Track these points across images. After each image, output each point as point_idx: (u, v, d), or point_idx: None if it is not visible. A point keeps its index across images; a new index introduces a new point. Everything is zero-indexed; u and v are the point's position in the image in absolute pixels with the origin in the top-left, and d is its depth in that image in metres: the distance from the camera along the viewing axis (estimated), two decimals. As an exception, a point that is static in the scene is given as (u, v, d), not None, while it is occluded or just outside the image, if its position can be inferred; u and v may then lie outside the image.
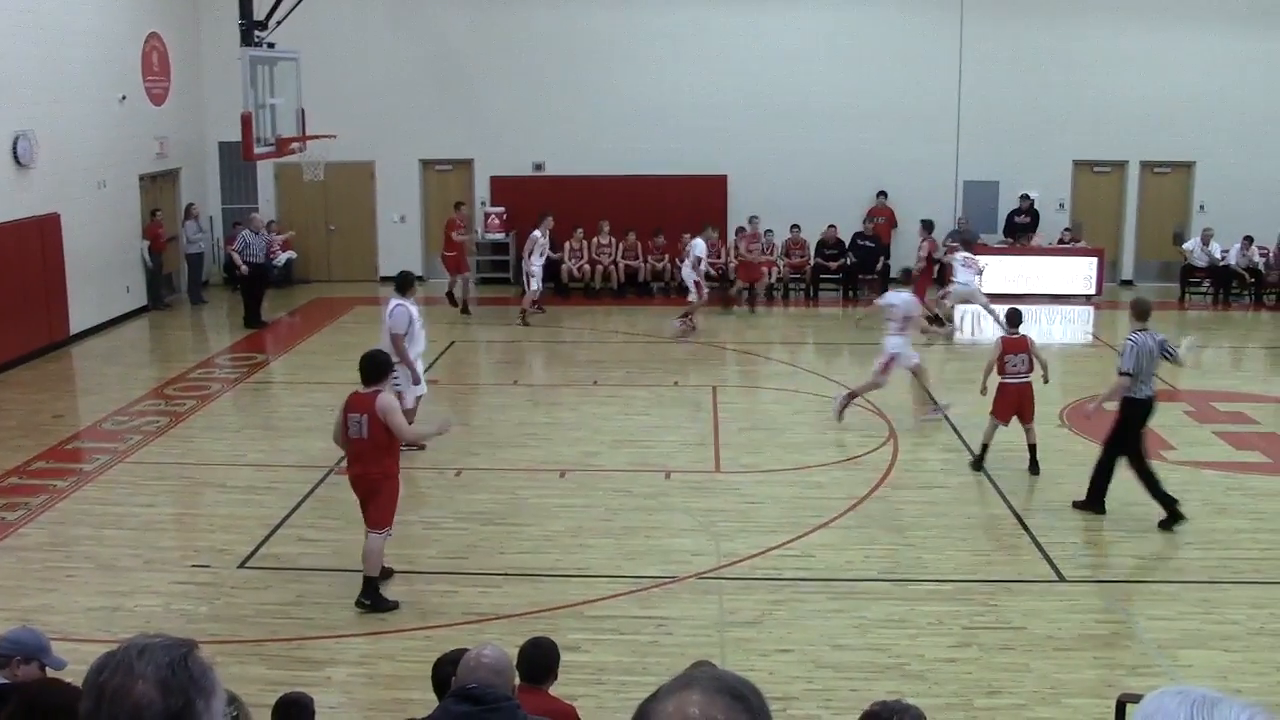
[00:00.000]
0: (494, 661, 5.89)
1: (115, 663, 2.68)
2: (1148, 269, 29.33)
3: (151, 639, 2.74)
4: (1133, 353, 13.39)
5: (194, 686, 2.67)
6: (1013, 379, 15.51)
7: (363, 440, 11.64)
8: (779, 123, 28.28)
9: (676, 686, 2.46)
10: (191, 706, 2.66)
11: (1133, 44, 27.85)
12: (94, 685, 2.68)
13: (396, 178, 29.47)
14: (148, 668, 2.65)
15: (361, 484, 11.83)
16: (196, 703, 2.67)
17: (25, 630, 6.88)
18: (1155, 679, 9.86)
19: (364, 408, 11.70)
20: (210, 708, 2.70)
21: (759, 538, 13.28)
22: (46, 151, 21.89)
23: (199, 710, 2.67)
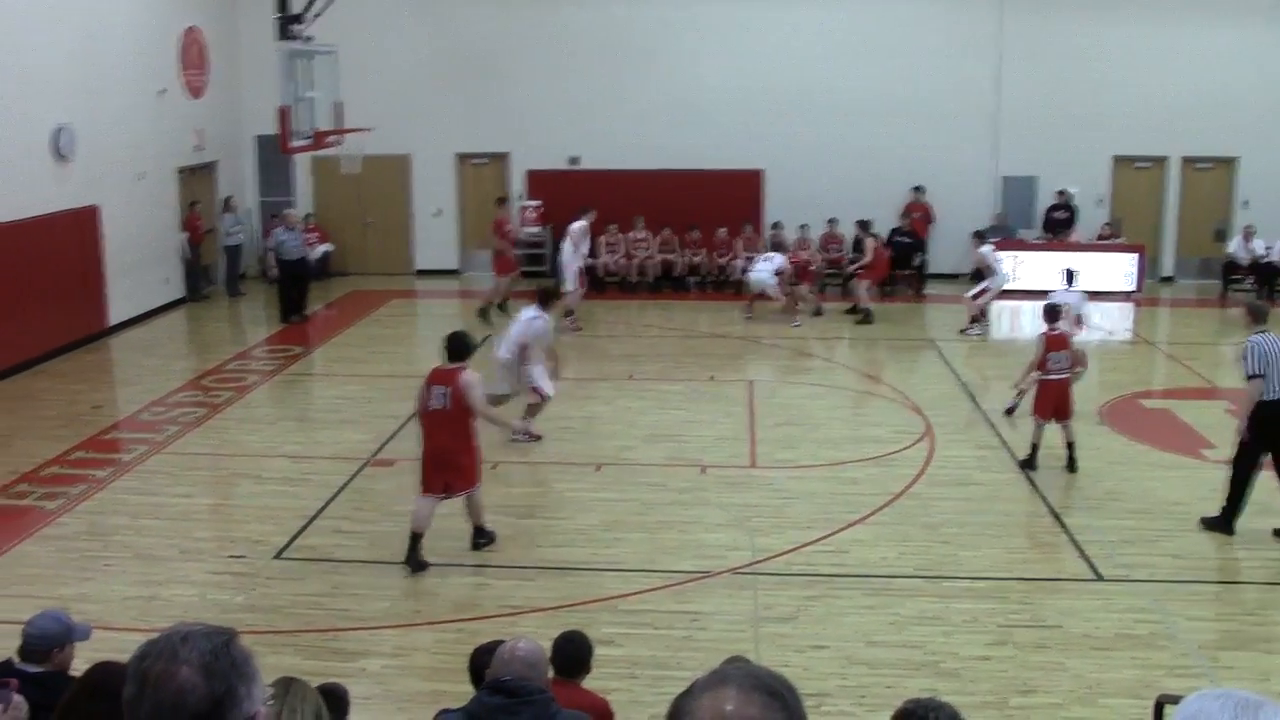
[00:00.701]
0: (528, 654, 5.88)
1: (158, 649, 2.70)
2: (1188, 266, 29.12)
3: (193, 626, 2.77)
4: (1254, 354, 12.91)
5: (235, 672, 2.70)
6: (1054, 376, 15.39)
7: (444, 412, 12.41)
8: (816, 117, 28.19)
9: (711, 683, 2.45)
10: (234, 692, 2.69)
11: (1173, 37, 27.67)
12: (137, 671, 2.70)
13: (433, 171, 29.51)
14: (191, 654, 2.68)
15: (441, 454, 12.49)
16: (239, 689, 2.70)
17: (47, 619, 6.89)
18: (1194, 680, 9.81)
19: (447, 381, 12.47)
20: (251, 694, 2.73)
21: (794, 533, 13.25)
22: (86, 144, 22.00)
23: (241, 696, 2.70)
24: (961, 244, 28.32)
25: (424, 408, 12.59)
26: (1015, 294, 26.82)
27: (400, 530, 13.15)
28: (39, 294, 20.72)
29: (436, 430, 12.52)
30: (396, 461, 15.70)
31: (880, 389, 19.45)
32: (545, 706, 5.56)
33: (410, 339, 23.77)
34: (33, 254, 20.59)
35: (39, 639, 6.77)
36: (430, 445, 12.58)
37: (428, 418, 12.55)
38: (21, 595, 11.52)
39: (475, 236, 30.04)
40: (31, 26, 20.59)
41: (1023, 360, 17.25)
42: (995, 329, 25.18)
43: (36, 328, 20.66)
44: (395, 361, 22.06)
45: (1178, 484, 14.97)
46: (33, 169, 20.76)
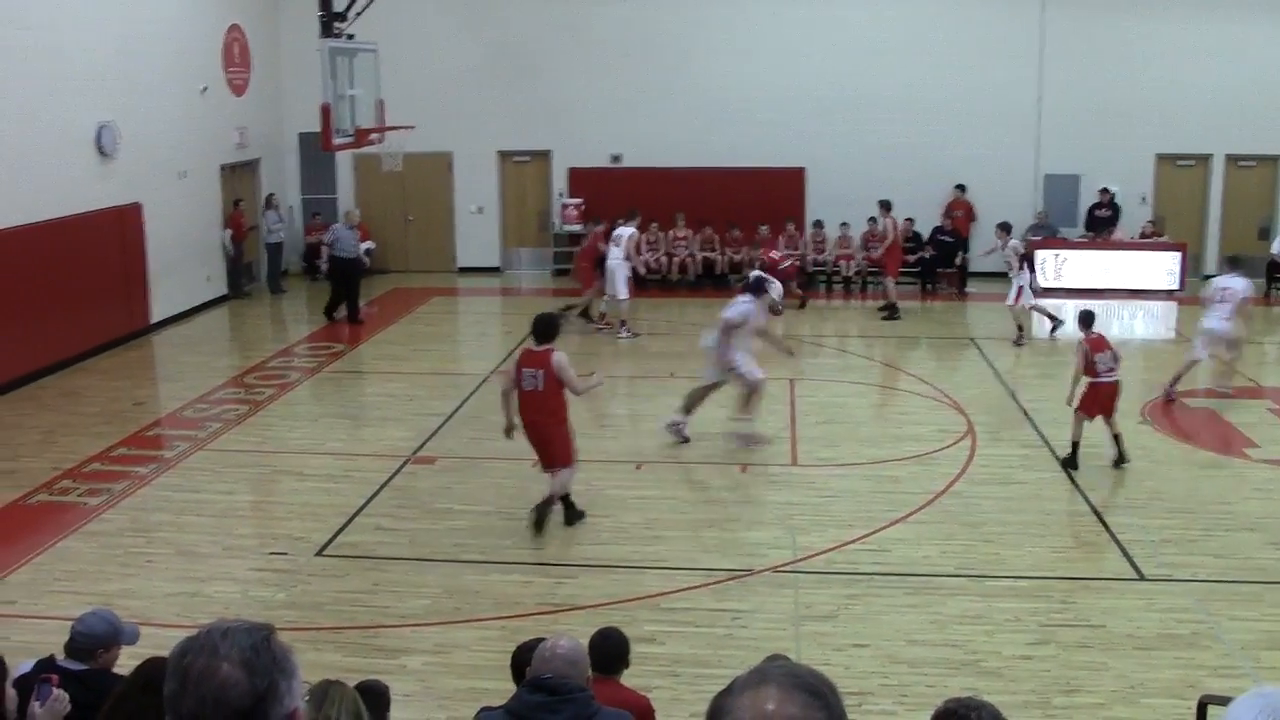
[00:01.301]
0: (569, 652, 5.88)
1: (199, 645, 2.71)
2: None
3: (232, 622, 2.78)
4: None
5: (277, 667, 2.72)
6: (1105, 379, 15.28)
7: (537, 392, 13.20)
8: (857, 115, 28.13)
9: (752, 681, 2.44)
10: (275, 687, 2.70)
11: (1216, 34, 27.46)
12: (178, 668, 2.71)
13: (474, 169, 29.56)
14: (232, 649, 2.69)
15: (535, 430, 13.37)
16: (280, 684, 2.72)
17: (96, 619, 6.88)
18: (1237, 680, 9.73)
19: (540, 363, 13.24)
20: (292, 689, 2.75)
21: (835, 531, 13.22)
22: (129, 142, 22.14)
23: (282, 691, 2.72)
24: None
25: (519, 388, 13.29)
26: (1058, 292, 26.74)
27: (441, 528, 13.29)
28: (82, 291, 20.85)
29: (529, 409, 13.32)
30: (438, 459, 15.75)
31: (921, 387, 19.38)
32: (586, 704, 5.57)
33: (452, 336, 23.84)
34: (76, 251, 20.73)
35: (86, 638, 6.77)
36: (525, 422, 13.40)
37: (523, 398, 13.31)
38: (65, 591, 11.63)
39: (516, 234, 30.12)
40: (75, 25, 20.73)
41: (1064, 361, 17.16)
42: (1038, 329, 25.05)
43: (79, 325, 20.80)
44: (437, 359, 22.15)
45: (1221, 483, 14.89)
46: (76, 167, 20.91)
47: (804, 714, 2.37)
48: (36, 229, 19.64)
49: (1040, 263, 27.12)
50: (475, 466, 15.46)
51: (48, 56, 19.98)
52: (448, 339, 23.76)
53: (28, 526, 13.65)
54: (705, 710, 2.47)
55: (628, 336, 22.99)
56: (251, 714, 2.67)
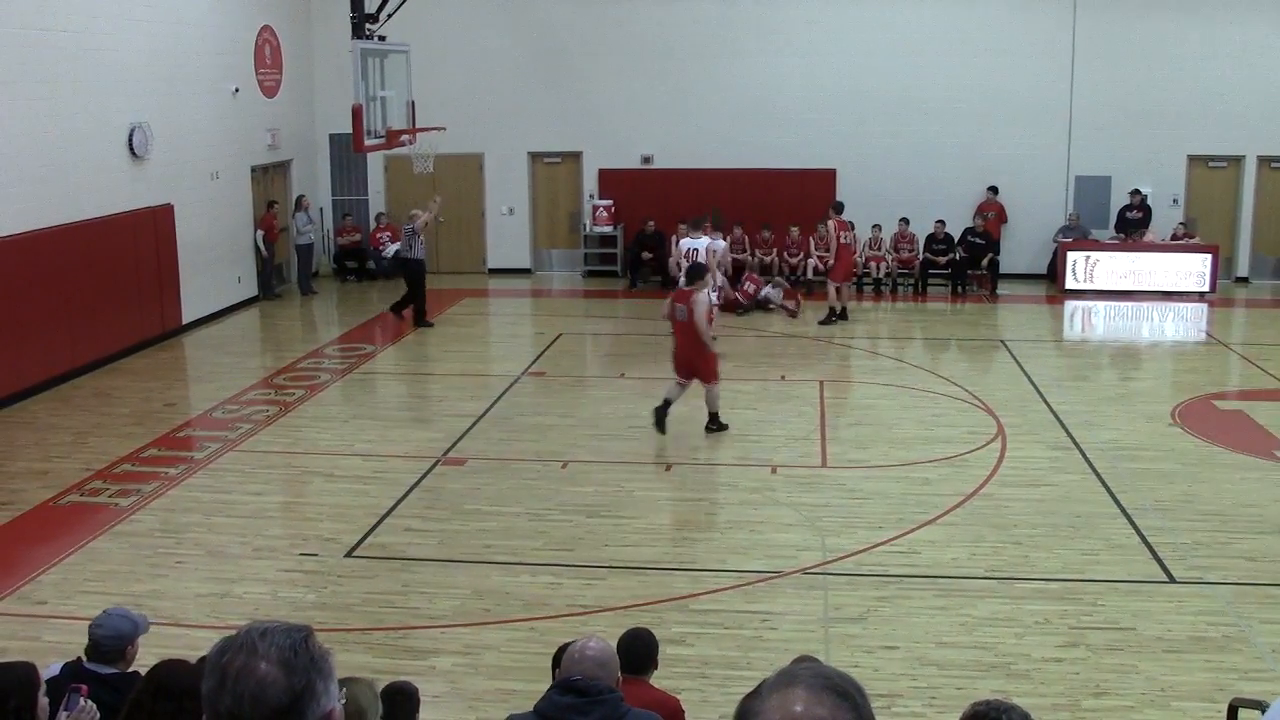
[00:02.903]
0: (598, 654, 5.89)
1: (238, 644, 2.73)
2: (1264, 266, 28.77)
3: (271, 623, 2.80)
4: None
5: (314, 667, 2.73)
6: None
7: (684, 323, 16.49)
8: (888, 116, 28.10)
9: (780, 683, 2.44)
10: (312, 687, 2.72)
11: (1248, 35, 27.34)
12: (217, 666, 2.73)
13: (505, 170, 29.60)
14: (270, 649, 2.71)
15: (683, 354, 16.74)
16: (317, 684, 2.73)
17: (118, 617, 6.83)
18: (1268, 684, 9.69)
19: (685, 300, 16.53)
20: (329, 690, 2.76)
21: (865, 533, 13.21)
22: (161, 143, 22.25)
23: (319, 691, 2.73)
24: (1036, 244, 28.25)
25: (672, 317, 16.69)
26: (1088, 294, 26.70)
27: (471, 529, 13.33)
28: (114, 292, 20.95)
29: (680, 336, 16.69)
30: (468, 460, 15.77)
31: (952, 389, 19.34)
32: (615, 706, 5.57)
33: (482, 338, 23.87)
34: (108, 252, 20.82)
35: (114, 638, 6.72)
36: (675, 346, 16.87)
37: (675, 326, 16.72)
38: (95, 592, 11.67)
39: (547, 235, 30.16)
40: (108, 27, 20.84)
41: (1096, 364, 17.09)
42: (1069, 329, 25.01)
43: (111, 325, 20.89)
44: (467, 360, 22.18)
45: (1252, 486, 14.82)
46: (109, 168, 21.00)
47: (832, 715, 2.38)
48: (69, 230, 19.75)
49: (1071, 264, 27.09)
50: (505, 468, 15.49)
51: (80, 58, 20.09)
52: (478, 340, 23.79)
53: (59, 527, 13.71)
54: (734, 712, 2.48)
55: None
56: (289, 713, 2.69)
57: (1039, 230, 28.40)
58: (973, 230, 27.77)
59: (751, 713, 2.42)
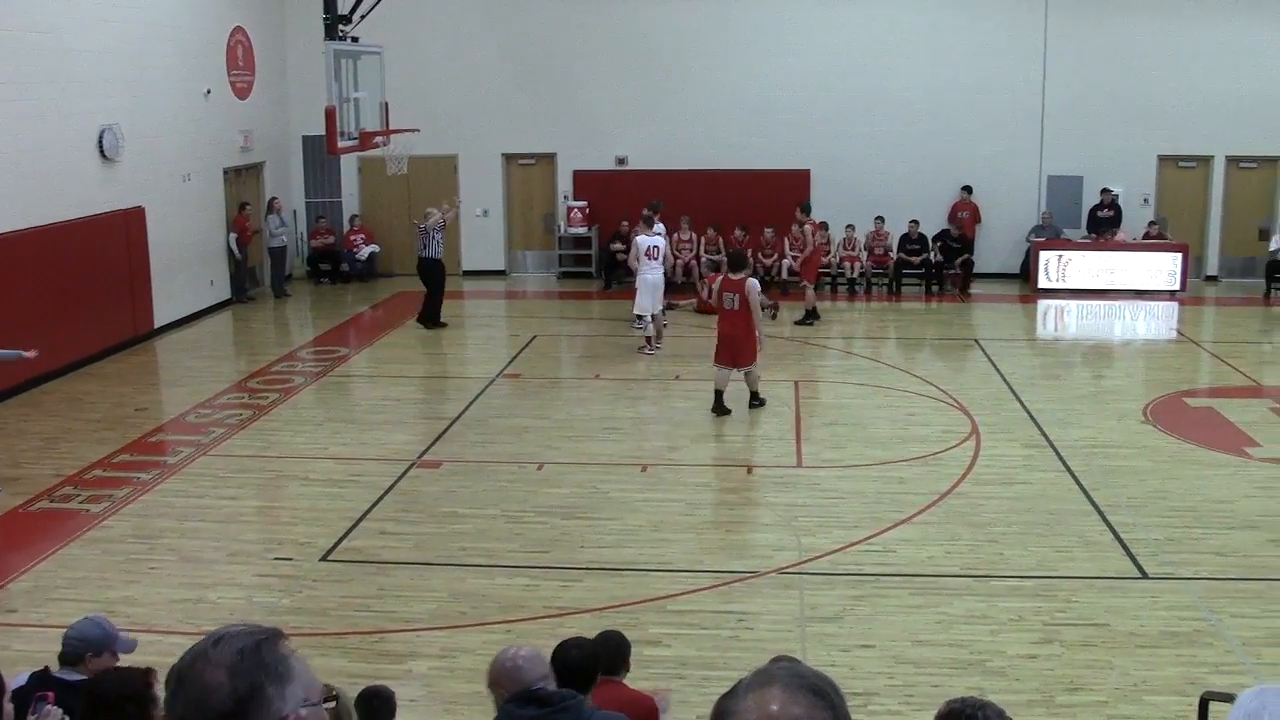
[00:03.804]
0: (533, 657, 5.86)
1: (197, 650, 2.70)
2: (1233, 265, 28.92)
3: (234, 627, 2.76)
4: None
5: (263, 671, 2.66)
6: None
7: (735, 310, 17.51)
8: (862, 117, 28.16)
9: (756, 683, 2.45)
10: (260, 691, 2.64)
11: (1217, 36, 27.48)
12: (174, 671, 2.71)
13: (479, 172, 29.55)
14: (221, 653, 2.66)
15: (730, 338, 17.63)
16: (266, 688, 2.65)
17: (89, 623, 6.80)
18: (1238, 677, 9.76)
19: (736, 288, 17.53)
20: (284, 694, 2.68)
21: (840, 533, 13.24)
22: (132, 145, 22.14)
23: (269, 696, 2.65)
24: (1009, 243, 28.35)
25: (720, 307, 17.75)
26: (1061, 293, 26.81)
27: (447, 531, 13.33)
28: (85, 296, 20.83)
29: (727, 323, 17.64)
30: (443, 463, 15.76)
31: (926, 389, 19.40)
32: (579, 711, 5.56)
33: (457, 340, 23.82)
34: (79, 255, 20.71)
35: (77, 642, 6.65)
36: (723, 333, 17.72)
37: (722, 314, 17.74)
38: (67, 599, 11.59)
39: (522, 237, 30.14)
40: (77, 28, 20.73)
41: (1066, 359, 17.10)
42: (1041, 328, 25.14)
43: (82, 329, 20.77)
44: (442, 362, 22.17)
45: (1222, 482, 14.91)
46: (79, 170, 20.90)
47: (808, 714, 2.38)
48: (39, 233, 19.65)
49: (1044, 264, 27.20)
50: (481, 470, 15.48)
51: (51, 59, 19.99)
52: (453, 342, 23.74)
53: (29, 534, 13.62)
54: (710, 712, 2.49)
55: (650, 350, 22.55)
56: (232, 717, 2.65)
57: (1012, 230, 28.51)
58: (948, 233, 27.84)
59: (728, 712, 2.43)
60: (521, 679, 5.75)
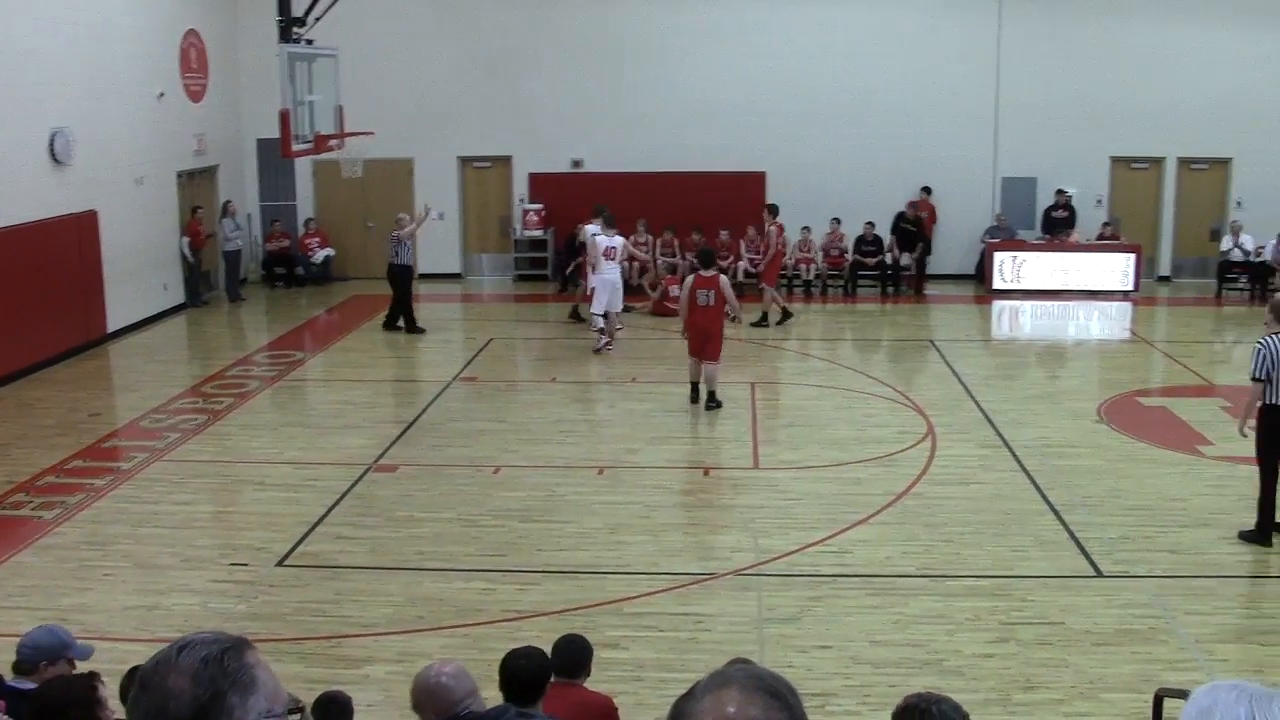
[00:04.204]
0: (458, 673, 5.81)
1: (161, 656, 2.68)
2: (1185, 265, 29.15)
3: (202, 635, 2.74)
4: (1260, 356, 12.60)
5: (226, 679, 2.64)
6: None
7: (710, 306, 18.14)
8: (818, 119, 28.22)
9: (713, 684, 2.45)
10: (221, 699, 2.62)
11: (1170, 40, 27.70)
12: (139, 677, 2.69)
13: (435, 175, 29.48)
14: (185, 661, 2.65)
15: (703, 333, 18.16)
16: (229, 696, 2.63)
17: (43, 630, 6.76)
18: (1192, 674, 9.83)
19: (710, 285, 18.19)
20: (246, 704, 2.66)
21: (797, 534, 13.26)
22: (84, 148, 21.98)
23: (231, 704, 2.63)
24: (964, 244, 28.46)
25: (694, 304, 18.12)
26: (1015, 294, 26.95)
27: (403, 536, 13.30)
28: (37, 300, 20.65)
29: (703, 319, 18.16)
30: (399, 467, 15.71)
31: (883, 390, 19.46)
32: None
33: (413, 344, 23.74)
34: (31, 260, 20.54)
35: (31, 650, 6.60)
36: (696, 328, 18.20)
37: (696, 311, 18.14)
38: (19, 607, 11.47)
39: (478, 240, 30.09)
40: (28, 30, 20.56)
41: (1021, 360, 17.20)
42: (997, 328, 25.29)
43: (35, 335, 20.61)
44: (397, 366, 22.11)
45: (1176, 480, 15.02)
46: (30, 173, 20.72)
47: (765, 715, 2.39)
48: (-9, 238, 19.52)
49: (999, 265, 27.34)
50: (437, 474, 15.44)
51: (1, 62, 19.84)
52: (409, 346, 23.66)
53: (-16, 540, 13.54)
54: (667, 714, 2.49)
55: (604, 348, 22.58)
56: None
57: (967, 231, 28.63)
58: (904, 217, 27.87)
59: (685, 714, 2.43)
60: (447, 698, 5.66)
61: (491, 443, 16.74)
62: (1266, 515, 12.88)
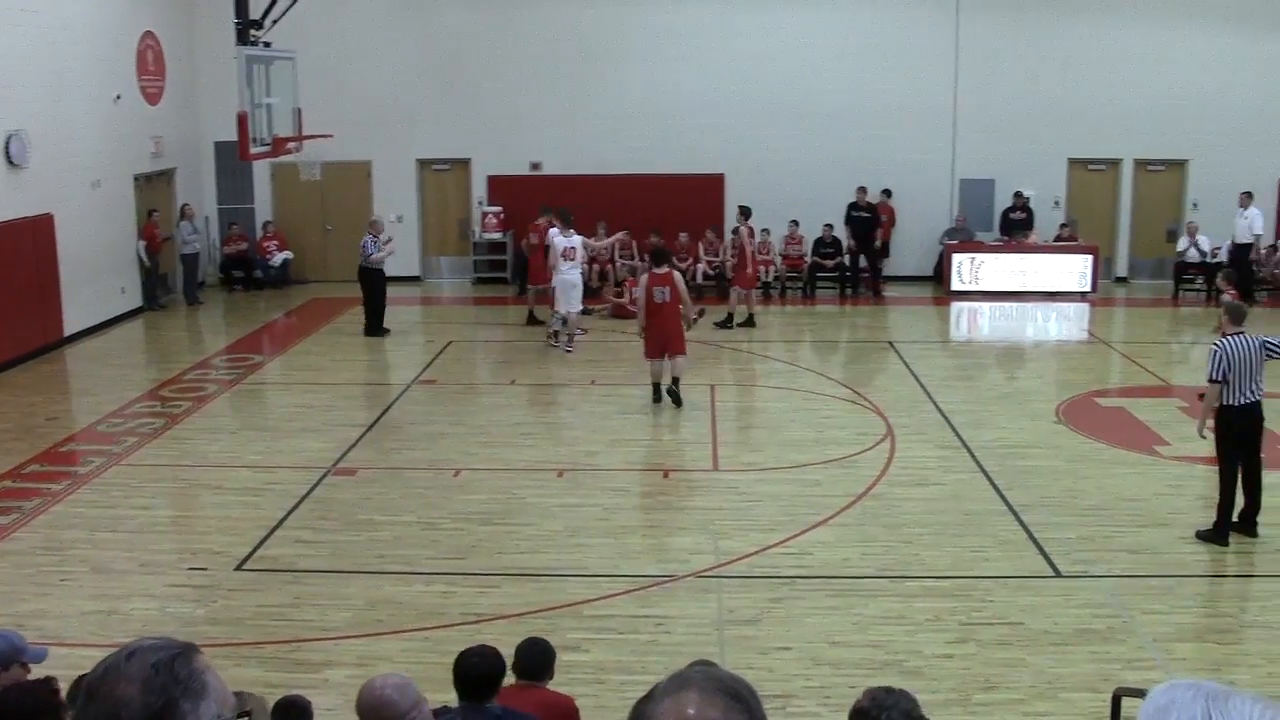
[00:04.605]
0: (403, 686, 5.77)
1: (109, 664, 2.66)
2: (1142, 266, 29.34)
3: (148, 641, 2.71)
4: (1216, 358, 12.77)
5: (178, 686, 2.62)
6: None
7: (666, 303, 18.39)
8: (776, 121, 28.28)
9: (673, 686, 2.45)
10: (174, 706, 2.60)
11: (1127, 42, 27.88)
12: (86, 686, 2.67)
13: (394, 177, 29.41)
14: (134, 668, 2.62)
15: (664, 330, 18.41)
16: (181, 704, 2.61)
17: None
18: (1151, 673, 9.89)
19: (665, 282, 18.52)
20: (198, 710, 2.65)
21: (757, 536, 13.28)
22: (40, 151, 21.83)
23: (183, 711, 2.61)
24: (922, 246, 28.57)
25: (650, 301, 18.40)
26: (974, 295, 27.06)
27: (363, 539, 13.26)
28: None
29: (659, 317, 18.44)
30: (358, 470, 15.67)
31: (841, 391, 19.52)
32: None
33: (372, 346, 23.68)
34: (-13, 264, 20.43)
35: None
36: (656, 325, 18.47)
37: (653, 308, 18.42)
38: (-23, 612, 11.43)
39: (437, 243, 30.02)
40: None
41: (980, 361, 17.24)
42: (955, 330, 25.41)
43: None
44: (356, 369, 22.02)
45: (1133, 481, 15.10)
46: (-14, 177, 20.61)
47: (725, 717, 2.39)
48: (-54, 242, 19.37)
49: (957, 266, 27.44)
50: (396, 477, 15.41)
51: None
52: (367, 349, 23.59)
53: (-60, 545, 13.43)
54: (627, 716, 2.49)
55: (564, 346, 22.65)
56: None
57: (925, 233, 28.74)
58: (856, 205, 27.82)
59: (645, 716, 2.43)
60: (391, 712, 5.63)
61: (451, 445, 16.71)
62: (1225, 515, 12.98)
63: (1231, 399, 12.77)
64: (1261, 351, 12.81)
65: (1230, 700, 2.45)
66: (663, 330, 18.45)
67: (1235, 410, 12.81)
